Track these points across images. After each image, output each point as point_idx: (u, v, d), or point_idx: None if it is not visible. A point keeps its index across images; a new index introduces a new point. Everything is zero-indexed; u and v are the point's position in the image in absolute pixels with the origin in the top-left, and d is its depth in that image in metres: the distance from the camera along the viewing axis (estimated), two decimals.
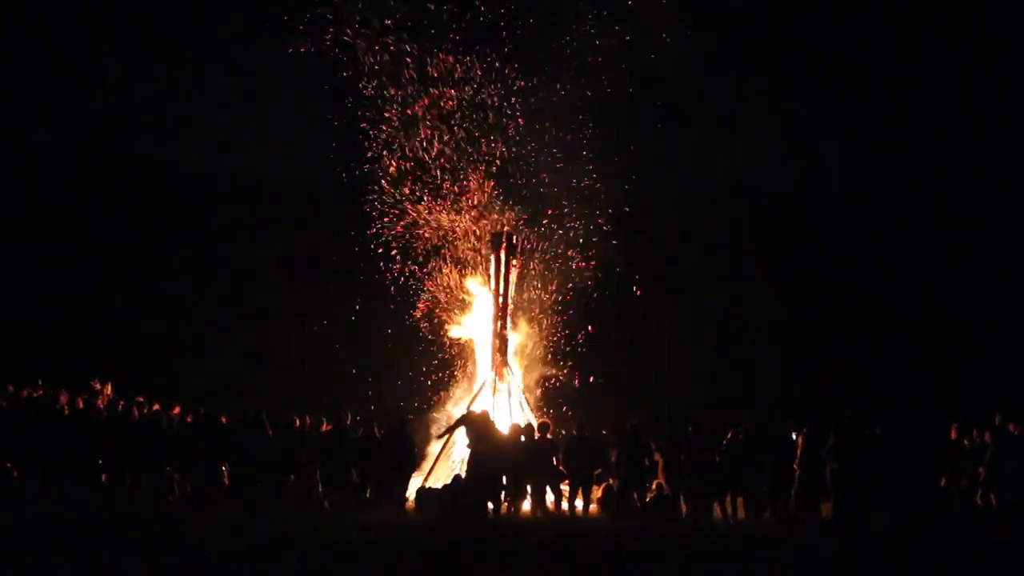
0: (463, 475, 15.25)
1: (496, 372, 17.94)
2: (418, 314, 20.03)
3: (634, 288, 21.29)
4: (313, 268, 23.19)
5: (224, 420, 14.82)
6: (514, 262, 18.35)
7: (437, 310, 19.90)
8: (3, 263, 22.79)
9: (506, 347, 18.11)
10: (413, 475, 15.58)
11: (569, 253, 20.17)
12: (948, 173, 25.13)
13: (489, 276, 18.50)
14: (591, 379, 20.76)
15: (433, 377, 20.18)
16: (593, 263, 20.37)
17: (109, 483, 14.52)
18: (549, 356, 19.95)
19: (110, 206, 24.35)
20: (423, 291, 20.02)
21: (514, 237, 18.59)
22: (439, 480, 15.97)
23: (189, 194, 24.14)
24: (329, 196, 22.17)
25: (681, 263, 24.37)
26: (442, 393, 19.57)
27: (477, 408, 16.01)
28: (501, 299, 18.04)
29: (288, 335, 23.56)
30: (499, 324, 18.09)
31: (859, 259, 25.26)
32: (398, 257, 20.12)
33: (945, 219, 25.19)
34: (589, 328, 20.66)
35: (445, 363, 20.12)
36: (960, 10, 25.41)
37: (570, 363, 20.35)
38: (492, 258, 18.42)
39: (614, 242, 20.60)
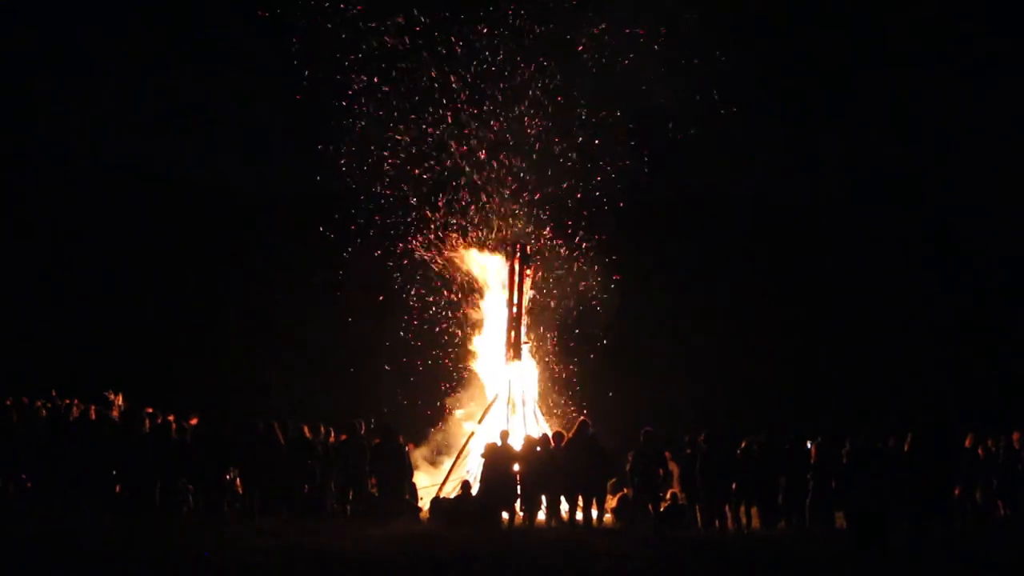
0: (471, 482, 15.30)
1: (509, 382, 17.91)
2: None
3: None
4: (317, 275, 23.11)
5: (236, 431, 14.76)
6: (528, 271, 18.32)
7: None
8: (17, 271, 22.79)
9: (520, 356, 18.07)
10: (413, 482, 15.53)
11: (581, 267, 20.16)
12: (960, 177, 25.23)
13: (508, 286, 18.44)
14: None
15: (443, 387, 20.15)
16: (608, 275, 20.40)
17: (122, 494, 14.45)
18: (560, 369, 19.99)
19: (127, 218, 24.35)
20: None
21: (528, 247, 18.57)
22: (453, 490, 15.93)
23: (203, 206, 24.15)
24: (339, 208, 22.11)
25: (689, 267, 24.39)
26: (453, 400, 19.56)
27: (491, 424, 16.02)
28: (515, 308, 18.00)
29: (295, 341, 23.51)
30: (513, 334, 18.05)
31: (868, 262, 25.33)
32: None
33: (955, 222, 25.31)
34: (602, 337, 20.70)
35: (455, 376, 20.09)
36: (961, 14, 25.54)
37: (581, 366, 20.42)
38: (506, 267, 18.41)
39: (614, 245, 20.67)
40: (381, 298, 20.51)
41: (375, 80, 19.37)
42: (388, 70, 19.38)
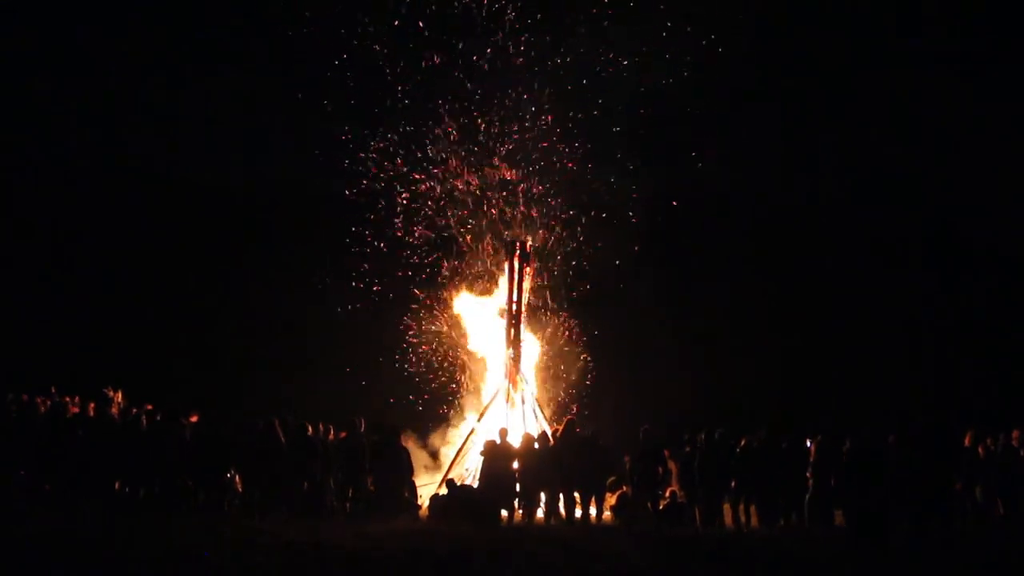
0: (456, 480, 15.30)
1: (509, 380, 17.89)
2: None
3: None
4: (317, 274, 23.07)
5: (236, 428, 14.75)
6: (527, 270, 18.33)
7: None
8: (17, 271, 22.81)
9: (519, 355, 18.06)
10: (413, 480, 15.52)
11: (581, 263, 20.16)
12: (960, 177, 25.20)
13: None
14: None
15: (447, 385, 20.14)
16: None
17: (121, 491, 14.43)
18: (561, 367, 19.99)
19: (127, 218, 24.38)
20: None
21: (527, 245, 18.57)
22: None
23: (203, 206, 24.17)
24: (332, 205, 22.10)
25: (688, 267, 24.39)
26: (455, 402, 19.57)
27: (490, 421, 16.03)
28: (515, 307, 17.99)
29: (295, 340, 23.49)
30: (512, 332, 18.04)
31: (868, 262, 25.33)
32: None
33: (955, 222, 25.29)
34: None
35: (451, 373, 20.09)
36: (961, 14, 25.52)
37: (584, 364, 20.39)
38: (506, 266, 18.40)
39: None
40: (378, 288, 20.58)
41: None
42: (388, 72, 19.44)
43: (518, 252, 18.30)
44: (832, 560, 12.00)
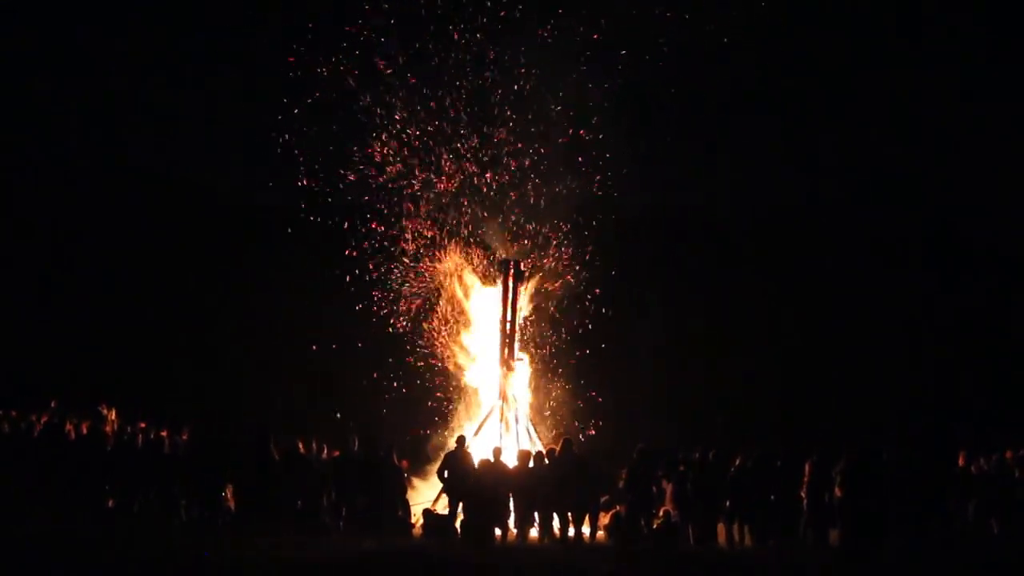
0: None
1: (503, 399, 17.83)
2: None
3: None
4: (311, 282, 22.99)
5: (230, 445, 14.64)
6: (521, 288, 18.25)
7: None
8: (16, 271, 22.82)
9: (513, 374, 17.99)
10: (406, 498, 15.45)
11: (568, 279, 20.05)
12: (960, 177, 25.27)
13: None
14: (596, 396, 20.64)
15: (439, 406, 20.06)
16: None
17: (115, 508, 14.36)
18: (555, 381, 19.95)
19: (127, 218, 24.39)
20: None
21: (521, 264, 18.46)
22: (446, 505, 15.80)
23: (200, 204, 24.19)
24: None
25: (690, 269, 24.39)
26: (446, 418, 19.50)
27: (484, 440, 16.05)
28: (508, 325, 17.93)
29: (295, 350, 23.44)
30: (506, 351, 17.98)
31: (868, 261, 25.36)
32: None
33: (955, 222, 25.35)
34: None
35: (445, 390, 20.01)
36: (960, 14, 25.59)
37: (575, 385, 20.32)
38: (499, 284, 18.33)
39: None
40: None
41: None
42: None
43: (512, 271, 18.23)
44: (830, 564, 12.01)
